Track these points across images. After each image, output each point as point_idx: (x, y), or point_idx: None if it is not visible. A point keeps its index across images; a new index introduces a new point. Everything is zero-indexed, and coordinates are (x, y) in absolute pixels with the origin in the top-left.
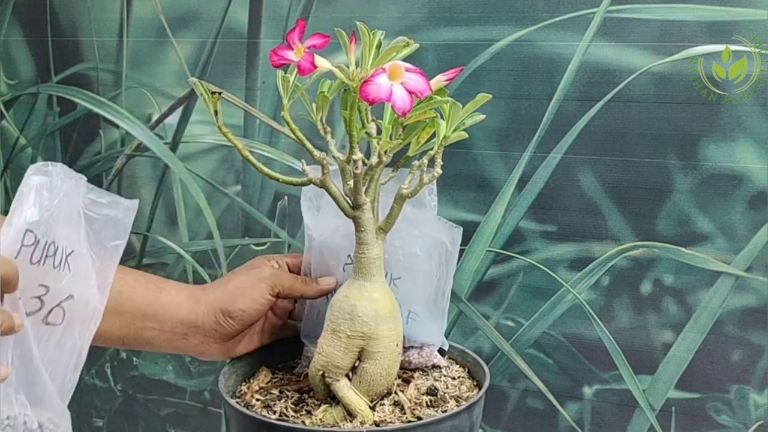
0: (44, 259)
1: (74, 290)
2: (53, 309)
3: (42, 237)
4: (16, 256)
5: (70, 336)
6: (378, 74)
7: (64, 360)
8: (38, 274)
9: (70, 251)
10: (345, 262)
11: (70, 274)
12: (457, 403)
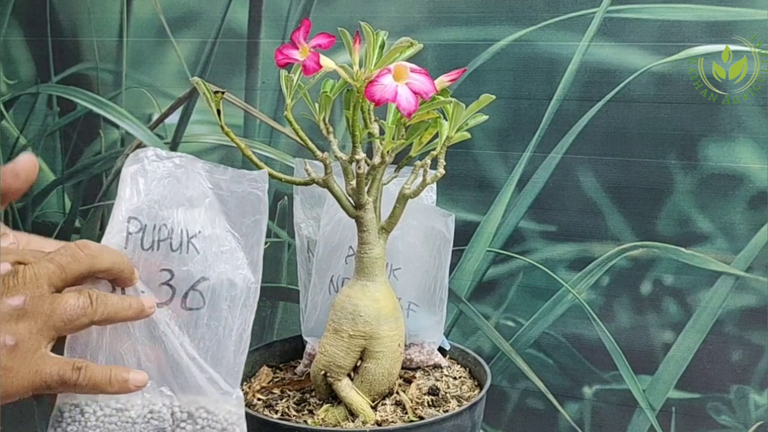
0: (157, 244)
1: (209, 272)
2: (188, 293)
3: (148, 222)
4: (126, 245)
5: (221, 318)
6: (383, 75)
7: (223, 342)
8: (156, 260)
9: (194, 233)
10: (347, 254)
11: (199, 255)
12: (459, 403)
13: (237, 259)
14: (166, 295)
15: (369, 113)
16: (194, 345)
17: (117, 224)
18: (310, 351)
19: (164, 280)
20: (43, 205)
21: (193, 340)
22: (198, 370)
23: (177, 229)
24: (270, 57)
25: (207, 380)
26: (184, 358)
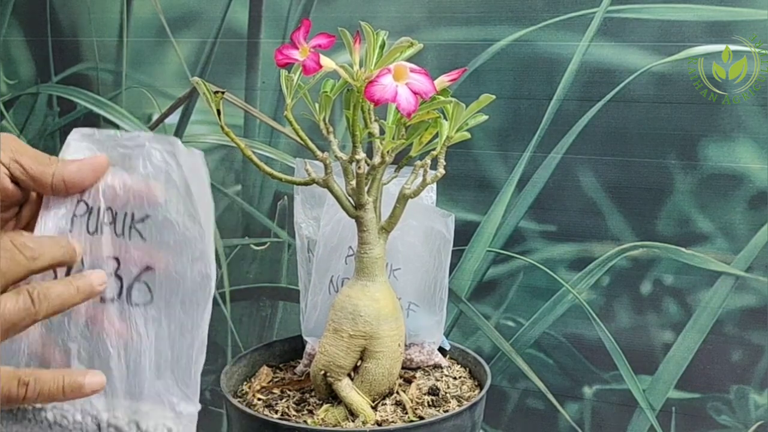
0: (101, 228)
1: (155, 261)
2: (133, 284)
3: (94, 204)
4: (71, 228)
5: (173, 317)
6: (383, 75)
7: (175, 346)
8: (103, 246)
9: (141, 217)
10: (347, 254)
11: (144, 242)
12: (459, 403)
13: (191, 250)
14: (114, 288)
15: (369, 113)
16: (141, 347)
17: (64, 205)
18: (310, 351)
19: (112, 270)
20: None
21: (140, 341)
22: (137, 377)
23: (121, 213)
24: (270, 57)
25: (152, 389)
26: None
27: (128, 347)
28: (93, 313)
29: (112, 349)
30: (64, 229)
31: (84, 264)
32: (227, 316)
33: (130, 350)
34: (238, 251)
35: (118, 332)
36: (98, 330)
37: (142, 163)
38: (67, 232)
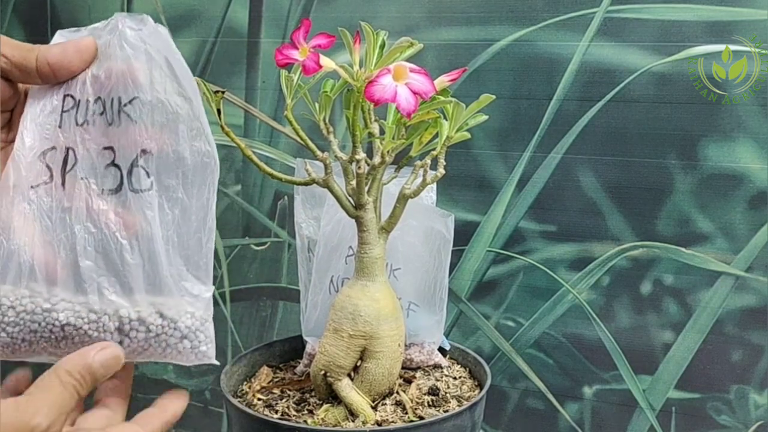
0: (92, 119)
1: (149, 143)
2: (132, 171)
3: (82, 97)
4: (60, 124)
5: (175, 200)
6: (383, 75)
7: (182, 230)
8: (94, 137)
9: (129, 99)
10: (347, 254)
11: (135, 125)
12: (459, 403)
13: (186, 128)
14: (114, 180)
15: (369, 113)
16: (151, 234)
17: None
18: (310, 351)
19: (108, 161)
20: None
21: (149, 229)
22: (152, 266)
23: (109, 100)
24: (270, 57)
25: (167, 276)
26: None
27: (138, 237)
28: (96, 205)
29: (124, 241)
30: (53, 125)
31: (77, 156)
32: (227, 316)
33: (141, 240)
34: (238, 251)
35: (126, 222)
36: (104, 222)
37: (119, 46)
38: (56, 127)
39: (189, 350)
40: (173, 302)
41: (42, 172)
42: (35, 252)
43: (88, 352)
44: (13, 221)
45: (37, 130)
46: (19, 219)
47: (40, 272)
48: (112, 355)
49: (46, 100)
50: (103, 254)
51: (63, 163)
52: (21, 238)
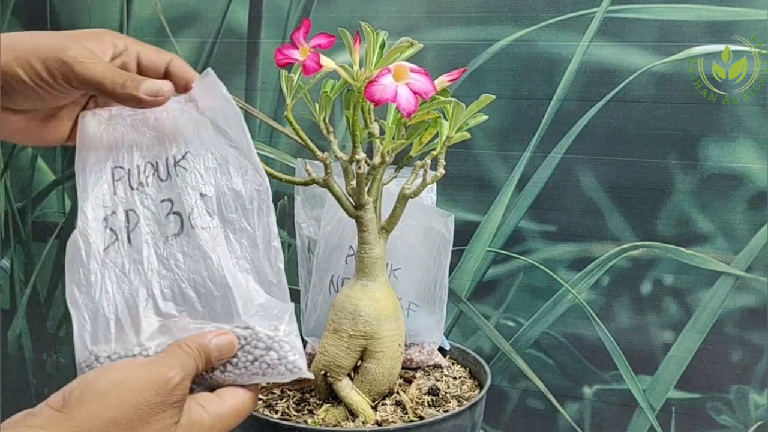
0: (146, 180)
1: (205, 188)
2: (192, 213)
3: (127, 165)
4: (115, 192)
5: (241, 231)
6: (383, 75)
7: (253, 256)
8: (151, 194)
9: (181, 155)
10: (347, 254)
11: (191, 174)
12: (459, 403)
13: (236, 168)
14: (176, 226)
15: (369, 113)
16: (216, 267)
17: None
18: (310, 351)
19: (168, 210)
20: (43, 205)
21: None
22: (228, 294)
23: (161, 161)
24: (270, 57)
25: (245, 301)
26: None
27: (209, 270)
28: (164, 251)
29: (195, 276)
30: (109, 194)
31: (139, 215)
32: None
33: (212, 272)
34: None
35: (194, 259)
36: (174, 263)
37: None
38: (111, 195)
39: (278, 362)
40: (252, 321)
41: (108, 236)
42: (118, 306)
43: (206, 334)
44: (93, 285)
45: (96, 202)
46: (99, 282)
47: (126, 324)
48: (227, 341)
49: (96, 175)
50: (179, 293)
51: (125, 224)
52: (103, 298)
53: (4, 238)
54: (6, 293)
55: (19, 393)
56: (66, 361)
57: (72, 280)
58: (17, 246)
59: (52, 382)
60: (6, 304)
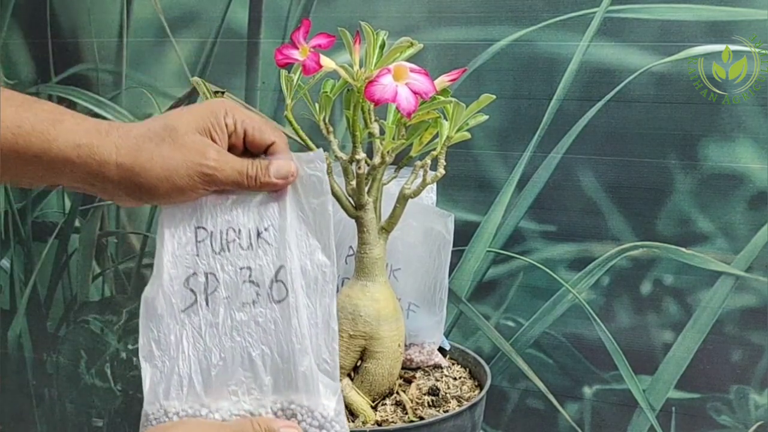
0: (227, 245)
1: (284, 261)
2: (272, 285)
3: (210, 227)
4: (197, 253)
5: (306, 306)
6: (383, 75)
7: (311, 333)
8: (231, 260)
9: (264, 227)
10: (347, 254)
11: (271, 246)
12: (459, 404)
13: (309, 246)
14: (251, 294)
15: (369, 113)
16: (285, 339)
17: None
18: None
19: (245, 278)
20: (43, 205)
21: (284, 335)
22: (290, 366)
23: (244, 229)
24: (270, 57)
25: (303, 374)
26: (273, 355)
27: (277, 342)
28: (238, 318)
29: (264, 347)
30: (191, 254)
31: (218, 280)
32: None
33: (280, 344)
34: None
35: (265, 330)
36: (246, 332)
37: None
38: (194, 256)
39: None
40: (308, 397)
41: (188, 296)
42: (192, 366)
43: (276, 421)
44: (171, 344)
45: (178, 261)
46: (177, 340)
47: (197, 384)
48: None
49: (180, 234)
50: (248, 360)
51: (205, 286)
52: (180, 357)
53: (4, 238)
54: (6, 293)
55: (19, 393)
56: (66, 361)
57: (149, 335)
58: (17, 246)
59: (52, 382)
60: (6, 304)
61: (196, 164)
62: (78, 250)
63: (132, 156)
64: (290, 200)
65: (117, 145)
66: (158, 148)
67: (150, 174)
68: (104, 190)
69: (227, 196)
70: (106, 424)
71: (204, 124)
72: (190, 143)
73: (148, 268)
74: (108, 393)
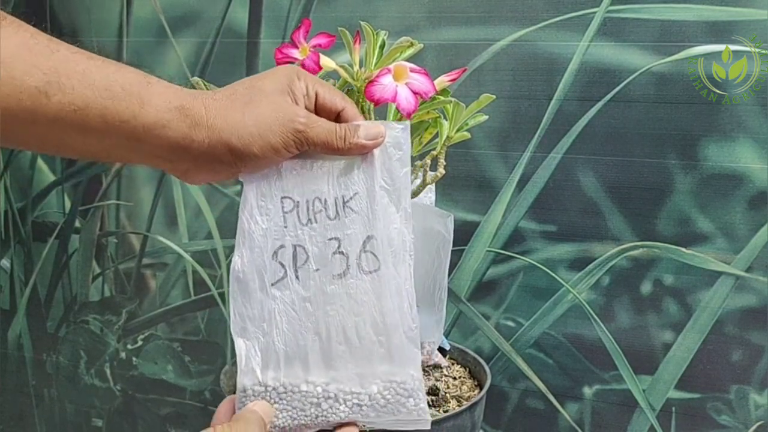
0: (314, 216)
1: (372, 230)
2: (361, 256)
3: (297, 197)
4: (285, 224)
5: (393, 277)
6: (383, 74)
7: (399, 304)
8: (319, 231)
9: (350, 196)
10: None
11: (358, 215)
12: (459, 403)
13: (391, 215)
14: (341, 265)
15: (369, 113)
16: (378, 311)
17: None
18: None
19: (334, 249)
20: (43, 205)
21: (376, 307)
22: (384, 338)
23: (330, 198)
24: (270, 57)
25: (395, 344)
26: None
27: (370, 313)
28: (330, 290)
29: (358, 318)
30: (280, 225)
31: (308, 252)
32: (227, 317)
33: (373, 316)
34: None
35: (358, 302)
36: (340, 305)
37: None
38: (282, 227)
39: (413, 408)
40: (400, 368)
41: (277, 269)
42: (287, 341)
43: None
44: (264, 318)
45: (267, 233)
46: (270, 314)
47: (294, 359)
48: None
49: (267, 205)
50: (343, 333)
51: (293, 259)
52: (274, 332)
53: (4, 238)
54: (6, 293)
55: (19, 393)
56: (65, 362)
57: (241, 311)
58: (17, 246)
59: (52, 382)
60: (6, 304)
61: (289, 120)
62: (78, 250)
63: (222, 116)
64: (378, 167)
65: (206, 106)
66: (248, 107)
67: (243, 132)
68: (183, 159)
69: (309, 162)
70: (105, 423)
71: (284, 86)
72: (281, 101)
73: (148, 268)
74: (108, 393)
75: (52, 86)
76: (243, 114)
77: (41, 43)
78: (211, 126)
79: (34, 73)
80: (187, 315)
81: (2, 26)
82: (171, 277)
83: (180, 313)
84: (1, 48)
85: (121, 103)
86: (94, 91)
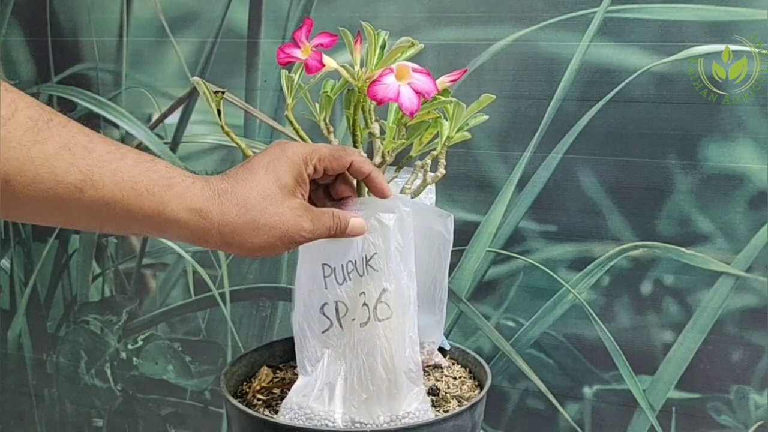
0: (347, 276)
1: (387, 283)
2: (377, 306)
3: (334, 263)
4: (326, 287)
5: (400, 324)
6: (386, 74)
7: (405, 347)
8: (353, 287)
9: (371, 255)
10: None
11: (377, 272)
12: (459, 403)
13: (401, 270)
14: (365, 315)
15: (370, 113)
16: (388, 354)
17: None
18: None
19: (363, 301)
20: None
21: (387, 350)
22: (393, 377)
23: (359, 259)
24: (270, 57)
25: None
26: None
27: (383, 357)
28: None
29: (373, 359)
30: (320, 288)
31: (347, 306)
32: (227, 317)
33: (386, 359)
34: None
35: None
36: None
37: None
38: (323, 289)
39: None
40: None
41: (324, 321)
42: (331, 379)
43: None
44: (318, 359)
45: (312, 293)
46: (323, 357)
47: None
48: None
49: (312, 269)
50: (362, 371)
51: (336, 312)
52: (323, 369)
53: (4, 238)
54: (6, 293)
55: (19, 393)
56: (65, 362)
57: (302, 354)
58: (17, 246)
59: (52, 382)
60: (6, 304)
61: (295, 234)
62: (78, 250)
63: (231, 231)
64: (393, 233)
65: (222, 213)
66: (259, 228)
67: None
68: (205, 246)
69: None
70: (105, 424)
71: (292, 183)
72: (289, 215)
73: (148, 268)
74: (108, 393)
75: (87, 183)
76: (254, 234)
77: (80, 143)
78: (223, 235)
79: (72, 171)
80: (188, 315)
81: (51, 126)
82: (171, 277)
83: (180, 313)
84: (48, 147)
85: (145, 201)
86: (122, 191)
